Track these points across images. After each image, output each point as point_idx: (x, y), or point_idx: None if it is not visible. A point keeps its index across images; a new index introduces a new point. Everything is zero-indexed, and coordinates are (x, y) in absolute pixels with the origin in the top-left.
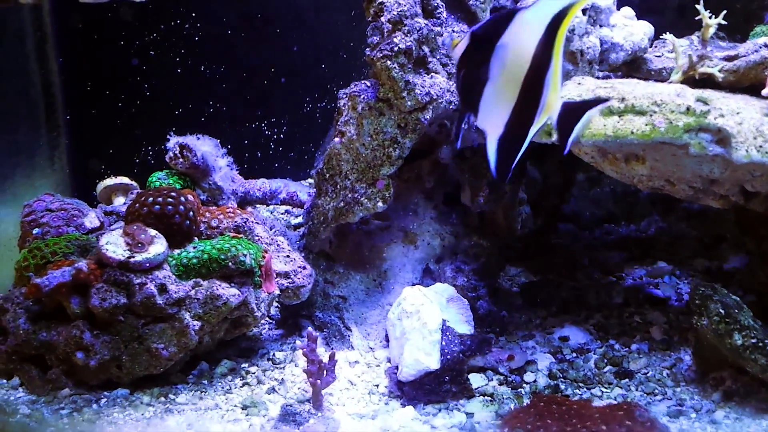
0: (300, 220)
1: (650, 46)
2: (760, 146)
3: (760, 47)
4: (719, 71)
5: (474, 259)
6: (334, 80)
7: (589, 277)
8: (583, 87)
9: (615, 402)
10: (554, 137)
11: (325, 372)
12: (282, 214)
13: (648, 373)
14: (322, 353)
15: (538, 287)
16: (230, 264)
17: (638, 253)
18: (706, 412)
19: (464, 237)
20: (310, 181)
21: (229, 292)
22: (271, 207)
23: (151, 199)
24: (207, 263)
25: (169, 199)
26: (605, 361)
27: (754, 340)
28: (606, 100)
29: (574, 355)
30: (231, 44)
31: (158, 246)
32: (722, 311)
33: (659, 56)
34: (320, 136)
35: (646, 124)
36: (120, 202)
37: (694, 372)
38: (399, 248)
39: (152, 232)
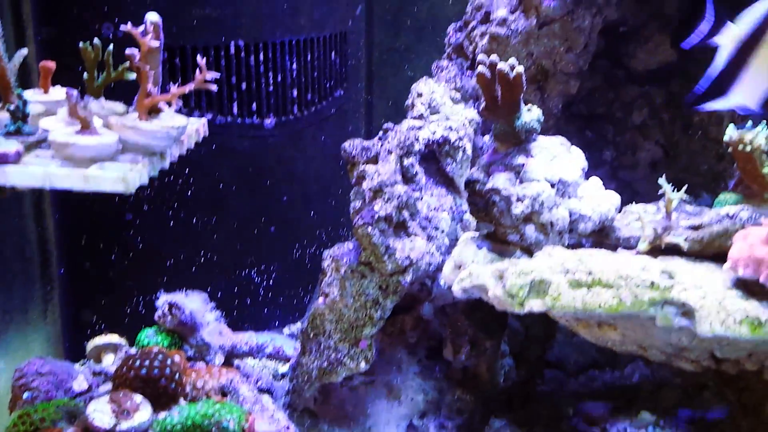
0: (287, 368)
1: (619, 212)
2: (723, 321)
3: (723, 218)
4: (684, 240)
5: (458, 414)
6: (323, 226)
7: (574, 429)
8: (553, 259)
9: None
10: (525, 309)
11: None
12: (270, 360)
13: None
14: None
15: None
16: (214, 429)
17: (622, 403)
18: None
19: (448, 392)
20: (295, 328)
21: None
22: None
23: (138, 362)
24: (191, 429)
25: (156, 362)
26: None
27: None
28: None
29: None
30: (223, 197)
31: (143, 413)
32: None
33: (627, 224)
34: (309, 281)
35: (613, 297)
36: (109, 361)
37: None
38: (383, 404)
39: (138, 398)
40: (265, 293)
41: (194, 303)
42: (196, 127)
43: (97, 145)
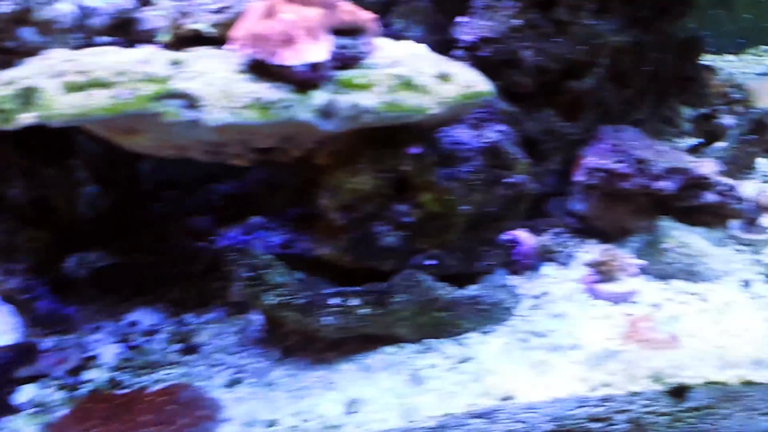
0: None
1: (144, 4)
2: (229, 107)
3: None
4: (211, 26)
5: (31, 255)
6: None
7: (175, 247)
8: (45, 63)
9: (170, 385)
10: (16, 124)
11: None
12: None
13: (216, 342)
14: None
15: (109, 272)
16: None
17: (234, 212)
18: (265, 373)
19: (17, 233)
20: None
21: None
22: None
23: None
24: None
25: None
26: (174, 339)
27: (283, 298)
28: None
29: (144, 339)
30: None
31: None
32: (250, 274)
33: (157, 15)
34: None
35: (111, 97)
36: None
37: (265, 331)
38: None
39: None
40: None
41: None
42: None
43: None
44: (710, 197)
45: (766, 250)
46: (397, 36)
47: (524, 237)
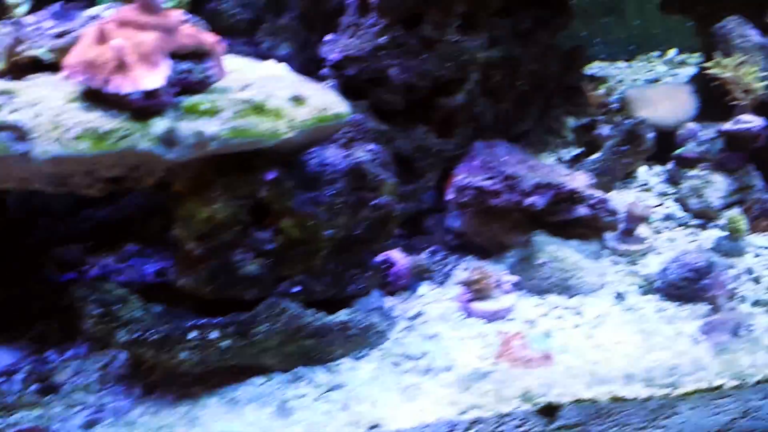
0: None
1: None
2: (59, 139)
3: (90, 19)
4: (47, 51)
5: None
6: None
7: (42, 280)
8: None
9: (24, 428)
10: None
11: None
12: None
13: (77, 381)
14: None
15: None
16: None
17: (111, 239)
18: (126, 412)
19: None
20: None
21: None
22: None
23: None
24: None
25: None
26: (33, 379)
27: (137, 334)
28: None
29: (2, 379)
30: None
31: None
32: (100, 311)
33: None
34: None
35: None
36: None
37: (129, 367)
38: None
39: None
40: None
41: None
42: None
43: None
44: (582, 211)
45: (642, 260)
46: (264, 55)
47: (398, 257)
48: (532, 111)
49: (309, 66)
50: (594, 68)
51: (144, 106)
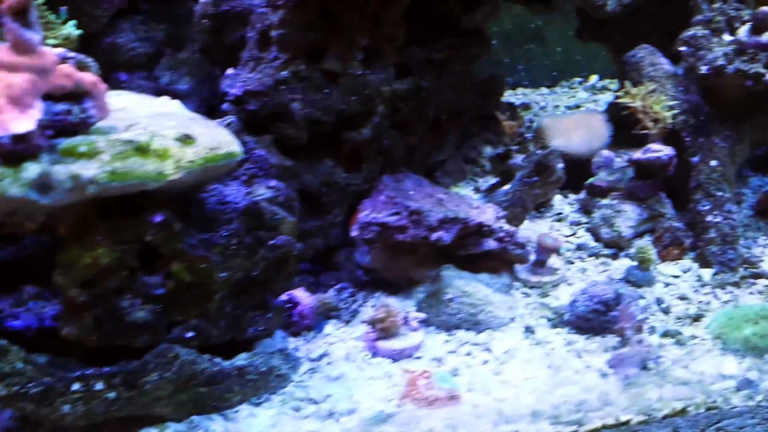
0: None
1: None
2: None
3: None
4: None
5: None
6: None
7: None
8: None
9: None
10: None
11: None
12: None
13: None
14: None
15: None
16: None
17: (10, 280)
18: None
19: None
20: None
21: None
22: None
23: None
24: None
25: None
26: None
27: (17, 388)
28: None
29: None
30: None
31: None
32: None
33: None
34: None
35: None
36: None
37: (16, 420)
38: None
39: None
40: None
41: None
42: None
43: None
44: (491, 244)
45: (553, 291)
46: (164, 90)
47: (303, 296)
48: (449, 141)
49: (212, 100)
50: (517, 94)
51: (14, 151)
